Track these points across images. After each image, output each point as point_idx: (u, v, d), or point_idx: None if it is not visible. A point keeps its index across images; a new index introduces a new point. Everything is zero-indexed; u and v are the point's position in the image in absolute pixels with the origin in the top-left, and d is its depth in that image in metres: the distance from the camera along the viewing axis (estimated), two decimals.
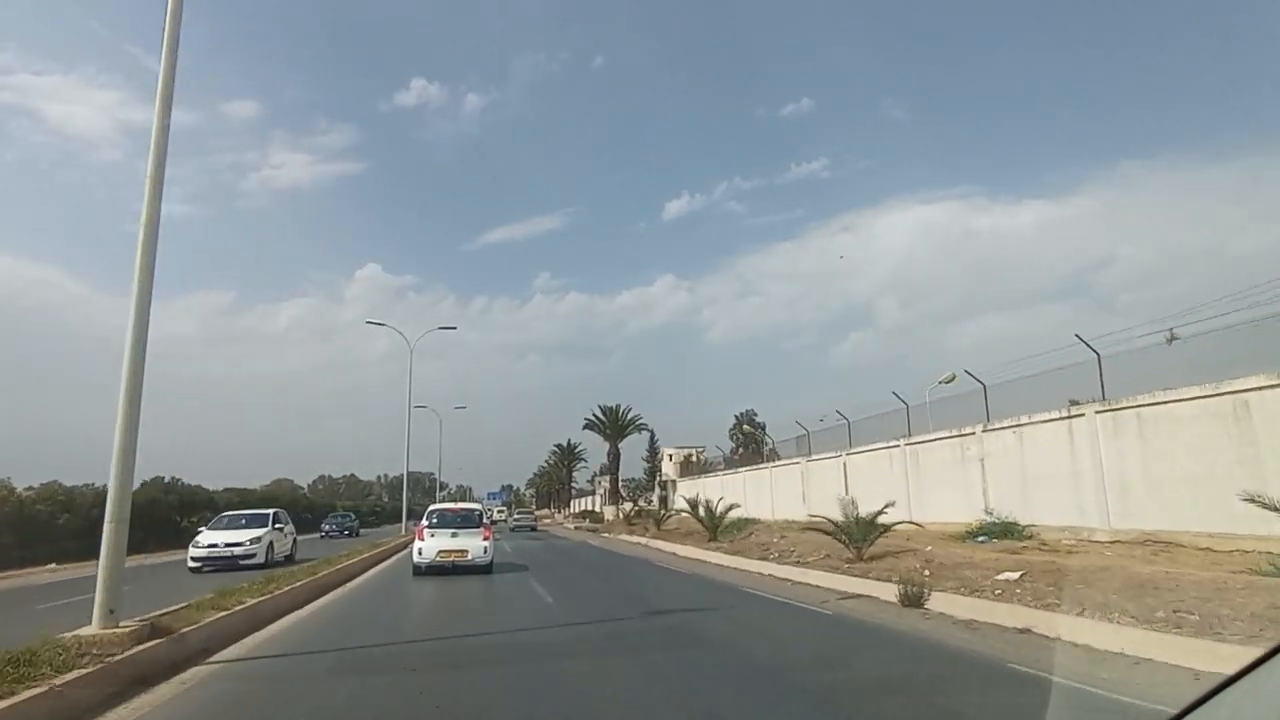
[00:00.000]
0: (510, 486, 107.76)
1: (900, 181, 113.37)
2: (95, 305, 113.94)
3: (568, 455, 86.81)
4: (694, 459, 47.91)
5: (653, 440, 75.22)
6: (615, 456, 49.13)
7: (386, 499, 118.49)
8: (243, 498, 40.53)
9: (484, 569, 15.07)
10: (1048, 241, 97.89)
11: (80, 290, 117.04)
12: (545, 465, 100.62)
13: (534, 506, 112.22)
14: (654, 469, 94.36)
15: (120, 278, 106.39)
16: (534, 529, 50.18)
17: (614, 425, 49.05)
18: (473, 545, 15.11)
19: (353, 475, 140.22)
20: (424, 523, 15.64)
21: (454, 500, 36.56)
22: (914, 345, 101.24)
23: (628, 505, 48.06)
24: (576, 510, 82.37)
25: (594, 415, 49.55)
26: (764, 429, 46.99)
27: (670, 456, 48.99)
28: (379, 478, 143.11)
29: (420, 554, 15.03)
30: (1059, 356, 15.44)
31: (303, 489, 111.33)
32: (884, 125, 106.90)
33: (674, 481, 48.79)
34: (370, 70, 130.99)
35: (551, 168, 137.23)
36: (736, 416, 68.48)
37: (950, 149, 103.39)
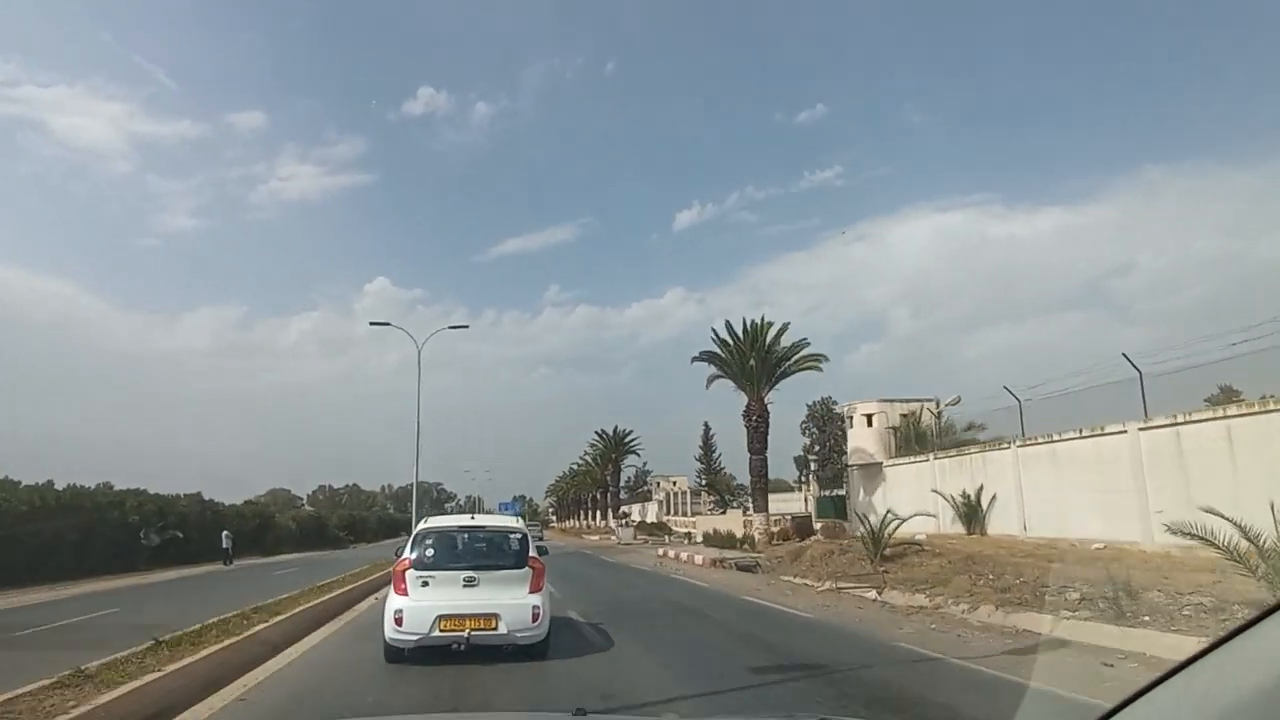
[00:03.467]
0: (523, 497, 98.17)
1: (917, 189, 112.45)
2: (110, 320, 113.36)
3: (615, 446, 62.88)
4: (925, 416, 23.92)
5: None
6: (760, 419, 25.15)
7: (391, 509, 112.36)
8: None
9: (532, 650, 7.63)
10: (1065, 250, 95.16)
11: (93, 304, 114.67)
12: (579, 464, 77.08)
13: (551, 518, 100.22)
14: (708, 462, 71.27)
15: (133, 292, 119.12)
16: (540, 539, 36.75)
17: (759, 356, 25.11)
18: (508, 604, 7.57)
19: (355, 485, 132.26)
20: (408, 555, 7.93)
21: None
22: (927, 355, 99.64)
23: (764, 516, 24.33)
24: (635, 520, 58.77)
25: (717, 342, 25.82)
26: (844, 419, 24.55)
27: (869, 419, 25.08)
28: (383, 488, 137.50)
29: (399, 622, 7.47)
30: None
31: (301, 499, 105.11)
32: (901, 132, 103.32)
33: (874, 466, 24.96)
34: (378, 79, 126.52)
35: (562, 178, 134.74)
36: (809, 405, 51.97)
37: (968, 155, 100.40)
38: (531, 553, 8.11)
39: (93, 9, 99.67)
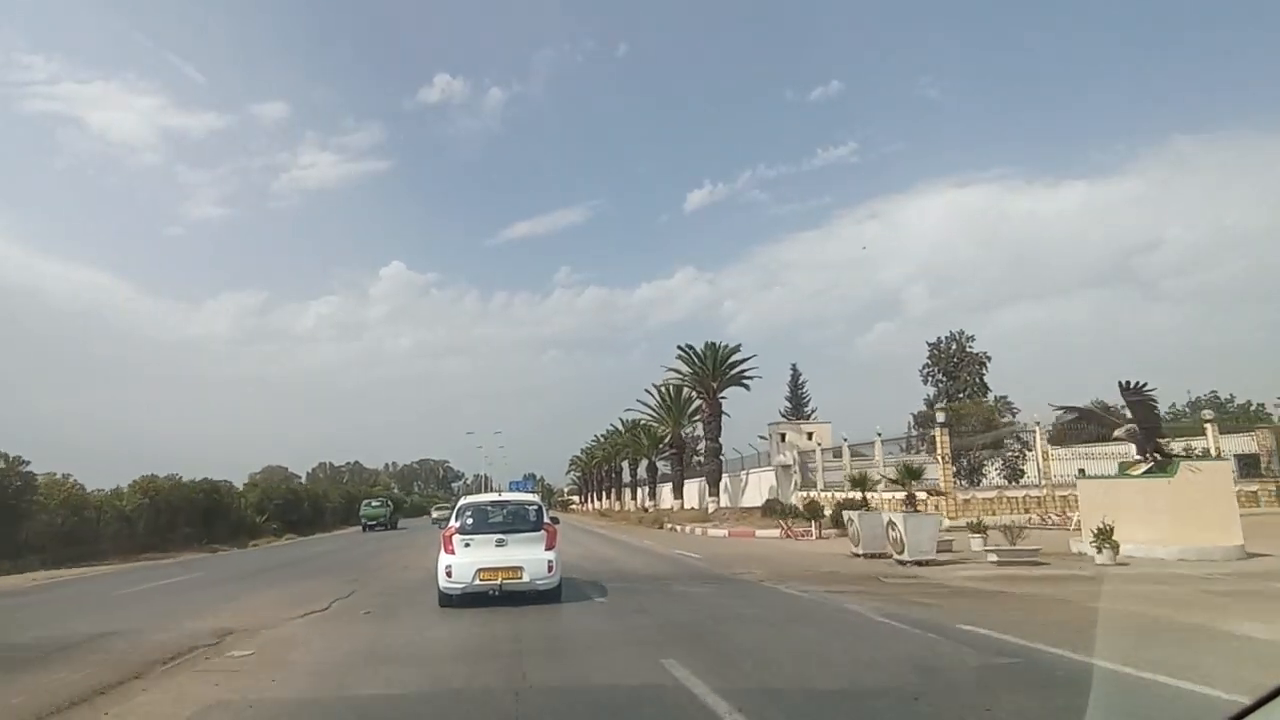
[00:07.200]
0: (534, 475, 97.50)
1: (932, 165, 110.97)
2: (140, 306, 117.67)
3: (714, 371, 37.85)
4: None
5: None
6: None
7: (395, 488, 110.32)
8: None
9: (548, 596, 10.01)
10: (1089, 225, 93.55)
11: (125, 292, 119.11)
12: (637, 416, 50.65)
13: (572, 499, 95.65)
14: (798, 414, 51.42)
15: (163, 280, 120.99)
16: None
17: None
18: (529, 559, 9.90)
19: (357, 463, 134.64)
20: (453, 523, 10.37)
21: (474, 494, 22.08)
22: (943, 335, 79.97)
23: None
24: (737, 502, 37.67)
25: None
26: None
27: None
28: (386, 465, 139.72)
29: (450, 574, 9.87)
30: None
31: (299, 478, 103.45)
32: (917, 106, 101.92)
33: None
34: (395, 67, 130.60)
35: (573, 160, 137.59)
36: (930, 344, 45.07)
37: (986, 129, 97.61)
38: (546, 519, 10.34)
39: (126, 6, 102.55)
